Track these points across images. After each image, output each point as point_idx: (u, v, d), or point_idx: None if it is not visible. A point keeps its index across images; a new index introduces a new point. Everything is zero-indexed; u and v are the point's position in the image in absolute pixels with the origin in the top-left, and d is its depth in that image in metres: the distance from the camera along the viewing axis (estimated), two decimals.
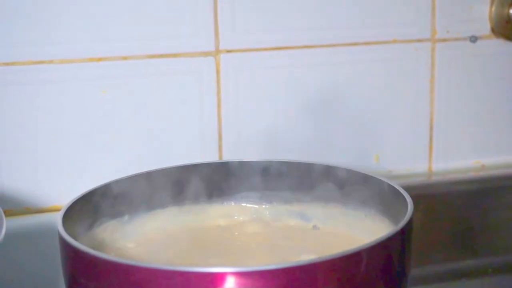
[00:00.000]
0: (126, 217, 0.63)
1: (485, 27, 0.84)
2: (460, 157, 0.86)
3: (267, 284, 0.45)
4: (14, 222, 0.74)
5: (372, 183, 0.60)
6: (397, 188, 0.57)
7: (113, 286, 0.48)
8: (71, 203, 0.57)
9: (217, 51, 0.77)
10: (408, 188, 0.80)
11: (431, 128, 0.85)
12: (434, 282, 0.78)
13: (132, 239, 0.62)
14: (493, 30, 0.84)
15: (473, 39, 0.84)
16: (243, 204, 0.67)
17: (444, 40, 0.83)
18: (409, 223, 0.51)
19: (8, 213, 0.74)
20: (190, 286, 0.45)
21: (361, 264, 0.47)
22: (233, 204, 0.67)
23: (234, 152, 0.79)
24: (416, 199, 0.60)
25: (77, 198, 0.58)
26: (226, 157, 0.79)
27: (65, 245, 0.51)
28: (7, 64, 0.72)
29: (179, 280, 0.45)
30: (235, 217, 0.66)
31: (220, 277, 0.45)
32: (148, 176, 0.64)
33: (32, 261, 0.74)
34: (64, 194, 0.75)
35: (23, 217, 0.75)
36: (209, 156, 0.78)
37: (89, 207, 0.59)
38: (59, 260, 0.57)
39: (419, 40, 0.83)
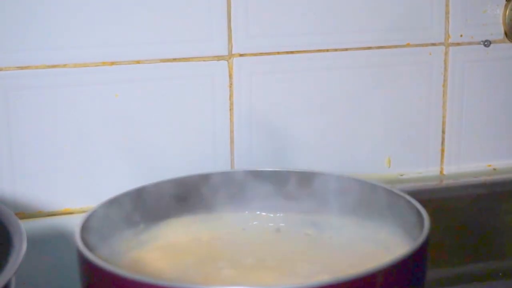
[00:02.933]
0: (141, 227, 0.63)
1: (499, 31, 0.84)
2: (472, 160, 0.86)
3: None
4: (27, 225, 0.73)
5: (388, 196, 0.60)
6: (414, 202, 0.57)
7: None
8: (88, 215, 0.57)
9: (230, 55, 0.77)
10: (419, 192, 0.81)
11: (443, 132, 0.85)
12: (444, 286, 0.79)
13: (147, 249, 0.62)
14: (506, 34, 0.84)
15: (487, 43, 0.83)
16: (257, 213, 0.67)
17: (457, 44, 0.83)
18: (426, 241, 0.51)
19: (21, 216, 0.74)
20: None
21: (380, 282, 0.47)
22: (247, 213, 0.67)
23: (247, 156, 0.79)
24: (427, 202, 0.60)
25: (94, 209, 0.59)
26: (238, 161, 0.79)
27: (83, 259, 0.51)
28: (21, 68, 0.72)
29: None
30: (249, 226, 0.66)
31: None
32: (162, 186, 0.64)
33: (45, 264, 0.74)
34: (77, 198, 0.75)
35: (36, 220, 0.75)
36: (221, 159, 0.78)
37: (105, 218, 0.60)
38: (71, 263, 0.58)
39: (432, 44, 0.82)
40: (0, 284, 0.43)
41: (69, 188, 0.75)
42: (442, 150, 0.85)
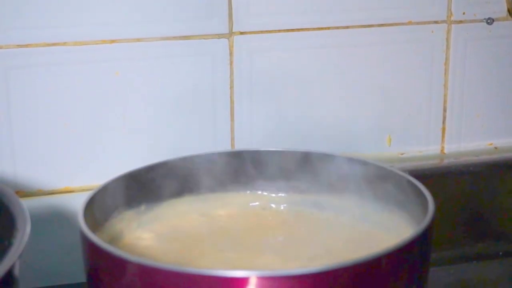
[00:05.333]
0: (143, 207, 0.63)
1: (502, 9, 0.83)
2: (473, 139, 0.86)
3: (291, 287, 0.45)
4: (27, 203, 0.73)
5: (391, 176, 0.60)
6: (417, 184, 0.57)
7: (134, 286, 0.48)
8: (90, 196, 0.57)
9: (231, 33, 0.76)
10: (420, 170, 0.81)
11: (444, 110, 0.85)
12: (444, 265, 0.79)
13: (149, 229, 0.62)
14: (509, 12, 0.83)
15: (490, 21, 0.83)
16: (259, 193, 0.67)
17: (460, 22, 0.83)
18: (431, 224, 0.51)
19: (21, 195, 0.74)
20: None
21: (384, 267, 0.47)
22: (248, 193, 0.67)
23: (247, 134, 0.79)
24: (428, 181, 0.60)
25: (96, 190, 0.58)
26: (239, 140, 0.78)
27: (87, 241, 0.51)
28: (20, 46, 0.71)
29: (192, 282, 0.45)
30: (251, 206, 0.66)
31: (242, 282, 0.45)
32: (164, 166, 0.64)
33: (45, 242, 0.74)
34: (77, 176, 0.75)
35: (36, 198, 0.75)
36: (222, 138, 0.78)
37: (107, 198, 0.59)
38: (71, 241, 0.58)
39: (434, 22, 0.82)
40: (5, 267, 0.43)
41: (69, 167, 0.75)
42: (443, 129, 0.85)
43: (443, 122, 0.85)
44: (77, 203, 0.59)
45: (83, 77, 0.74)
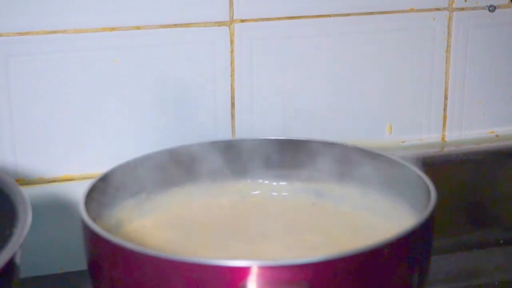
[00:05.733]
0: (144, 196, 0.63)
1: None
2: (474, 127, 0.86)
3: (292, 277, 0.45)
4: (27, 191, 0.73)
5: (392, 165, 0.60)
6: (420, 174, 0.57)
7: (135, 276, 0.48)
8: (91, 185, 0.57)
9: (231, 21, 0.76)
10: (421, 158, 0.81)
11: (445, 98, 0.84)
12: (445, 253, 0.79)
13: (150, 218, 0.62)
14: None
15: (492, 8, 0.82)
16: (260, 181, 0.67)
17: (461, 9, 0.82)
18: (432, 214, 0.51)
19: (22, 183, 0.74)
20: (210, 278, 0.45)
21: (386, 257, 0.47)
22: (249, 181, 0.66)
23: (248, 123, 0.78)
24: (429, 169, 0.60)
25: (97, 179, 0.58)
26: (239, 128, 0.78)
27: (88, 231, 0.51)
28: (20, 34, 0.71)
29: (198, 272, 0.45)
30: (252, 195, 0.66)
31: (244, 271, 0.45)
32: (164, 154, 0.63)
33: (46, 229, 0.74)
34: (77, 164, 0.75)
35: (37, 186, 0.75)
36: (222, 126, 0.78)
37: (108, 187, 0.59)
38: (72, 228, 0.58)
39: (436, 9, 0.82)
40: (7, 257, 0.43)
41: (70, 155, 0.75)
42: (444, 117, 0.85)
43: (444, 110, 0.85)
44: (77, 191, 0.59)
45: (83, 64, 0.73)
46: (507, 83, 0.86)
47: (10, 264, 0.44)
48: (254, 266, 0.45)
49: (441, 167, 0.82)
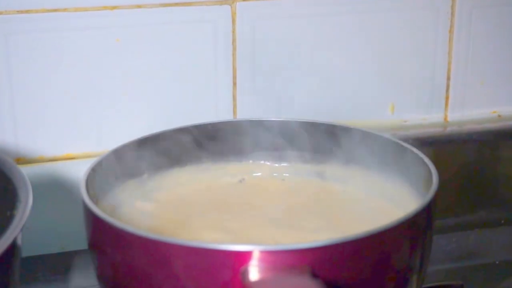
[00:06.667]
0: (145, 176, 0.63)
1: None
2: (476, 107, 0.86)
3: (295, 262, 0.45)
4: (28, 170, 0.73)
5: (395, 148, 0.60)
6: (421, 156, 0.57)
7: (136, 259, 0.48)
8: (92, 165, 0.57)
9: (233, 0, 0.75)
10: (423, 138, 0.81)
11: (448, 78, 0.84)
12: (447, 232, 0.79)
13: (151, 199, 0.62)
14: None
15: None
16: (261, 162, 0.66)
17: None
18: (434, 197, 0.51)
19: (22, 162, 0.74)
20: (211, 263, 0.45)
21: (388, 240, 0.47)
22: (251, 162, 0.66)
23: (250, 103, 0.78)
24: (431, 149, 0.60)
25: (98, 160, 0.58)
26: (241, 109, 0.78)
27: (89, 213, 0.51)
28: (20, 12, 0.70)
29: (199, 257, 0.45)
30: (253, 176, 0.66)
31: (246, 256, 0.45)
32: (165, 135, 0.63)
33: (46, 209, 0.74)
34: (78, 143, 0.75)
35: (37, 165, 0.75)
36: (224, 106, 0.77)
37: (109, 168, 0.59)
38: (73, 208, 0.58)
39: None
40: (8, 240, 0.43)
41: (70, 134, 0.75)
42: (447, 97, 0.85)
43: (447, 90, 0.84)
44: (78, 170, 0.59)
45: (83, 43, 0.73)
46: (510, 64, 0.85)
47: (12, 247, 0.44)
48: (256, 251, 0.45)
49: (443, 147, 0.82)
